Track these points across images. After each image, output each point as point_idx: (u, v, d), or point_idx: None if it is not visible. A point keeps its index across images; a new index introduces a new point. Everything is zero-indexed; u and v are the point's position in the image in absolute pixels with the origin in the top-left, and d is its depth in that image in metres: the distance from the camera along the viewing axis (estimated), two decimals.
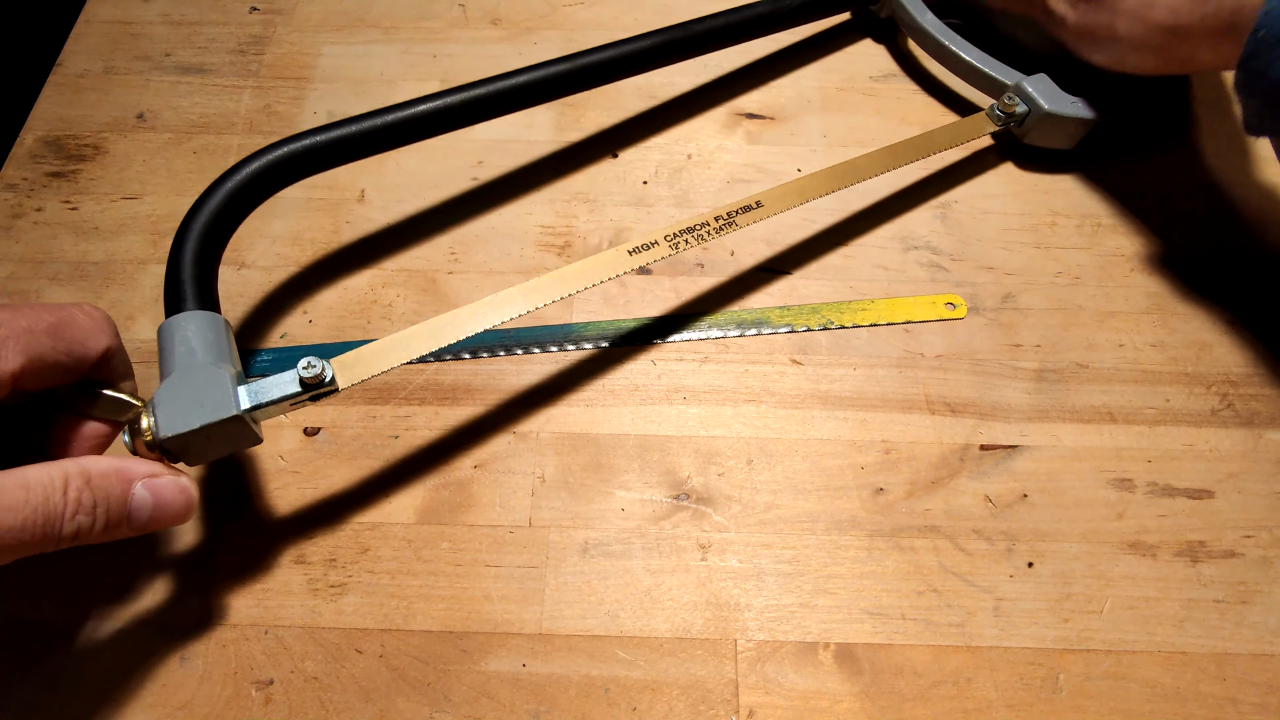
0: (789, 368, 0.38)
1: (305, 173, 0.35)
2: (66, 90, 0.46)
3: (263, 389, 0.28)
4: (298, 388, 0.28)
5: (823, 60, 0.48)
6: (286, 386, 0.28)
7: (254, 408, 0.28)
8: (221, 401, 0.27)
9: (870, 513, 0.35)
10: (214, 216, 0.32)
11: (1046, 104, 0.41)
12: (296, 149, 0.34)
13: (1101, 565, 0.34)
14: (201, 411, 0.27)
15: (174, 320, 0.29)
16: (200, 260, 0.31)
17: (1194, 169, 0.44)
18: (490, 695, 0.31)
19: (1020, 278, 0.41)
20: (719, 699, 0.31)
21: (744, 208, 0.37)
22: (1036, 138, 0.43)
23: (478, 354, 0.38)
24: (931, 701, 0.31)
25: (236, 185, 0.33)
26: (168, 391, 0.27)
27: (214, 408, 0.27)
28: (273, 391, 0.28)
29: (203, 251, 0.31)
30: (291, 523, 0.34)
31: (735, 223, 0.36)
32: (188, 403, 0.27)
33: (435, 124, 0.37)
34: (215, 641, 0.32)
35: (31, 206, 0.42)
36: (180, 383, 0.27)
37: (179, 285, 0.30)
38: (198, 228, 0.32)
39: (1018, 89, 0.42)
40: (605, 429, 0.37)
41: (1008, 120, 0.42)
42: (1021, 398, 0.38)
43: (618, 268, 0.34)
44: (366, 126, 0.36)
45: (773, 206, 0.37)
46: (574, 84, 0.40)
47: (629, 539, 0.34)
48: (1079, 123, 0.41)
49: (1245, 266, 0.41)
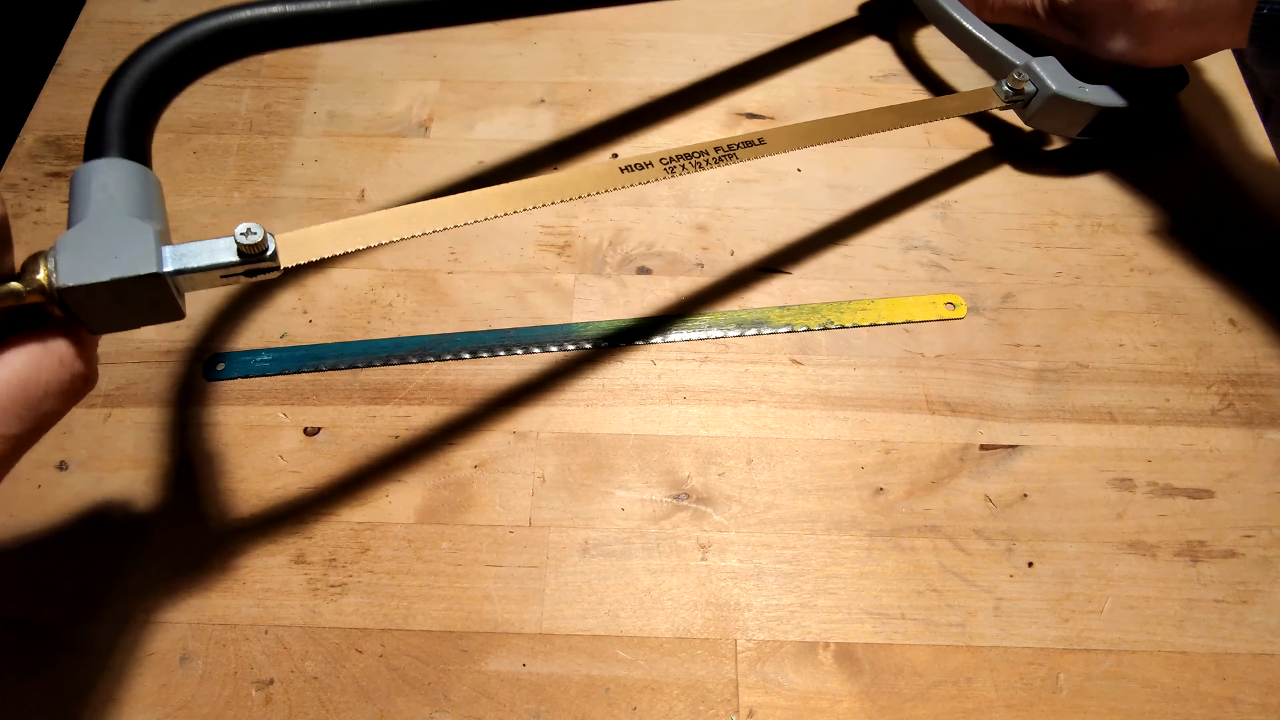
0: (789, 368, 0.38)
1: (262, 45, 0.31)
2: (66, 90, 0.46)
3: (191, 251, 0.25)
4: (233, 256, 0.25)
5: (823, 60, 0.48)
6: (220, 253, 0.25)
7: (178, 271, 0.24)
8: (141, 256, 0.23)
9: (870, 513, 0.35)
10: (157, 65, 0.28)
11: (1055, 85, 0.41)
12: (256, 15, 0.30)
13: (1101, 565, 0.34)
14: (115, 264, 0.23)
15: (92, 165, 0.25)
16: (133, 106, 0.27)
17: (1194, 169, 0.44)
18: (490, 695, 0.31)
19: (1020, 278, 0.41)
20: (719, 699, 0.31)
21: (746, 142, 0.35)
22: (1041, 121, 0.42)
23: (478, 354, 0.38)
24: (931, 701, 0.31)
25: (187, 38, 0.29)
26: (76, 237, 0.23)
27: (131, 262, 0.23)
28: (203, 256, 0.25)
29: (138, 99, 0.28)
30: (291, 523, 0.34)
31: (736, 155, 0.34)
32: (99, 253, 0.23)
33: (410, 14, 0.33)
34: (215, 641, 0.32)
35: (31, 206, 0.42)
36: (93, 230, 0.24)
37: (103, 129, 0.26)
38: (136, 73, 0.28)
39: (1027, 68, 0.41)
40: (605, 429, 0.37)
41: (1015, 97, 0.41)
42: (1021, 398, 0.38)
43: (607, 183, 0.31)
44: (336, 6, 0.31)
45: (775, 145, 0.35)
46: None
47: (629, 539, 0.34)
48: (1085, 108, 0.41)
49: (1245, 266, 0.41)
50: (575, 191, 0.31)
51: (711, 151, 0.34)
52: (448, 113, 0.46)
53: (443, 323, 0.39)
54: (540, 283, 0.40)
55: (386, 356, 0.38)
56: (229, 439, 0.36)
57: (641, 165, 0.32)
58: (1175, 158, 0.44)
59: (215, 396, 0.37)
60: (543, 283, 0.40)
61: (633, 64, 0.48)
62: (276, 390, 0.37)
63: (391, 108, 0.46)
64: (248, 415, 0.37)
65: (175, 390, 0.37)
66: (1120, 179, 0.44)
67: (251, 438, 0.36)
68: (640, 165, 0.32)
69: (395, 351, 0.38)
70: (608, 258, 0.41)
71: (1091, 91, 0.41)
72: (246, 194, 0.43)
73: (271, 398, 0.37)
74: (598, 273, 0.41)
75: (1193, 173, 0.44)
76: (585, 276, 0.41)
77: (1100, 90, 0.41)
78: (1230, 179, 0.44)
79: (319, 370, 0.38)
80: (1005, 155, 0.45)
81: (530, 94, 0.47)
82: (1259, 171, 0.44)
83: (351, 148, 0.44)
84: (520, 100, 0.46)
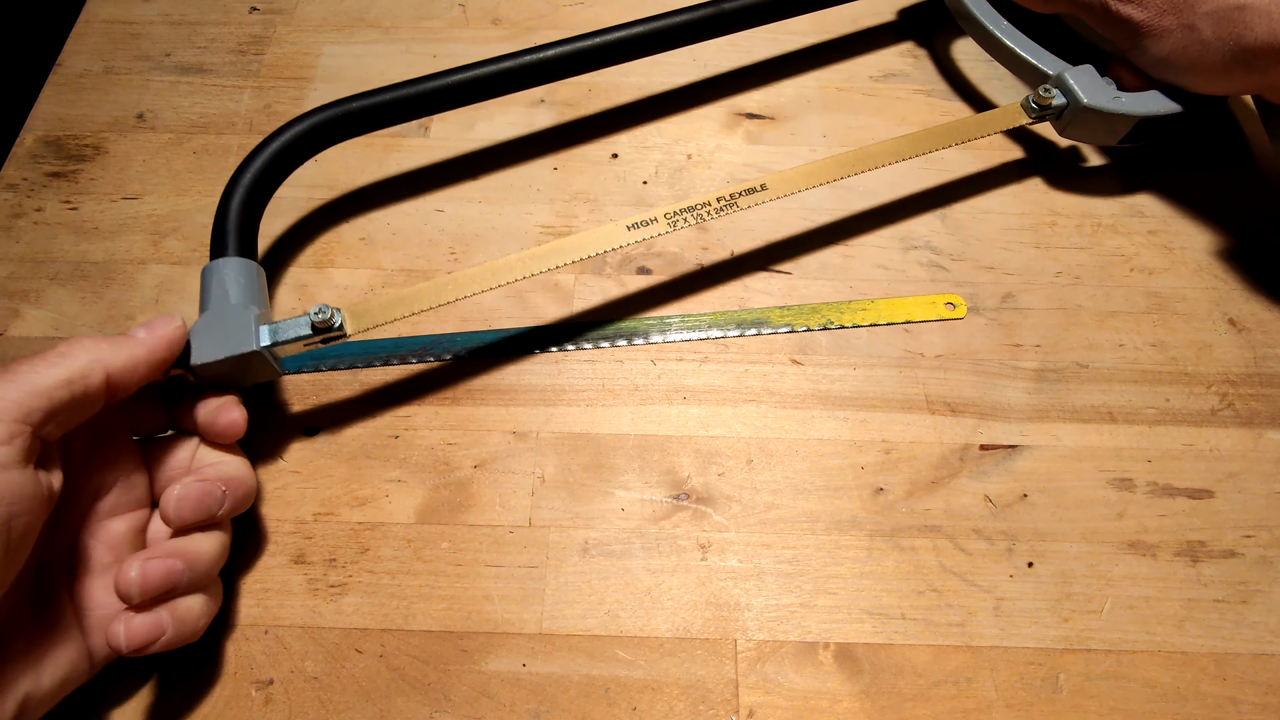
0: (789, 368, 0.38)
1: (346, 134, 0.39)
2: (66, 90, 0.46)
3: (280, 329, 0.32)
4: (308, 330, 0.32)
5: (823, 59, 0.48)
6: (300, 329, 0.32)
7: (272, 345, 0.32)
8: (245, 338, 0.31)
9: (870, 513, 0.35)
10: (260, 172, 0.36)
11: (1086, 97, 0.39)
12: (339, 112, 0.38)
13: (1101, 565, 0.34)
14: (227, 345, 0.31)
15: (214, 264, 0.33)
16: (244, 211, 0.35)
17: (1193, 168, 0.44)
18: (490, 695, 0.31)
19: (1020, 278, 0.41)
20: (719, 699, 0.31)
21: (748, 189, 0.36)
22: (1075, 133, 0.41)
23: (478, 354, 0.38)
24: (931, 701, 0.31)
25: (282, 145, 0.37)
26: (202, 326, 0.32)
27: (238, 342, 0.31)
28: (289, 332, 0.32)
29: (247, 203, 0.35)
30: (291, 523, 0.34)
31: (736, 204, 0.36)
32: (217, 336, 0.31)
33: (477, 90, 0.40)
34: (215, 641, 0.32)
35: (31, 206, 0.42)
36: (213, 319, 0.32)
37: (223, 233, 0.34)
38: (245, 181, 0.35)
39: (1059, 80, 0.40)
40: (605, 429, 0.37)
41: (1042, 113, 0.40)
42: (1021, 398, 0.38)
43: (615, 240, 0.35)
44: (408, 93, 0.38)
45: (777, 189, 0.36)
46: (623, 52, 0.41)
47: (629, 539, 0.34)
48: (1122, 118, 0.40)
49: (1245, 266, 0.41)
50: (587, 250, 0.35)
51: (714, 202, 0.36)
52: (448, 113, 0.46)
53: (443, 323, 0.39)
54: (540, 283, 0.40)
55: (386, 356, 0.38)
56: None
57: (647, 222, 0.36)
58: (1175, 157, 0.44)
59: None
60: (543, 283, 0.40)
61: (633, 64, 0.48)
62: (276, 390, 0.37)
63: None
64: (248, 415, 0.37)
65: None
66: (1120, 179, 0.44)
67: (252, 437, 0.36)
68: (646, 222, 0.36)
69: (395, 351, 0.38)
70: (608, 258, 0.41)
71: (1129, 100, 0.40)
72: None
73: (271, 398, 0.37)
74: (598, 273, 0.41)
75: (1193, 173, 0.44)
76: (585, 276, 0.41)
77: (1141, 97, 0.40)
78: (1230, 179, 0.44)
79: (319, 370, 0.38)
80: (1005, 155, 0.45)
81: (530, 94, 0.46)
82: (1259, 171, 0.44)
83: (351, 148, 0.44)
84: (520, 100, 0.46)
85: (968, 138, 0.39)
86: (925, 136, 0.39)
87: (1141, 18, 0.38)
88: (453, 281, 0.34)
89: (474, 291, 0.34)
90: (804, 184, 0.36)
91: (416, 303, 0.33)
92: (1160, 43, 0.38)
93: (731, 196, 0.36)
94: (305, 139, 0.37)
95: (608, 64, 0.41)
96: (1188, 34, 0.37)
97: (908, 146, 0.38)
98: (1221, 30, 0.36)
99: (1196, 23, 0.37)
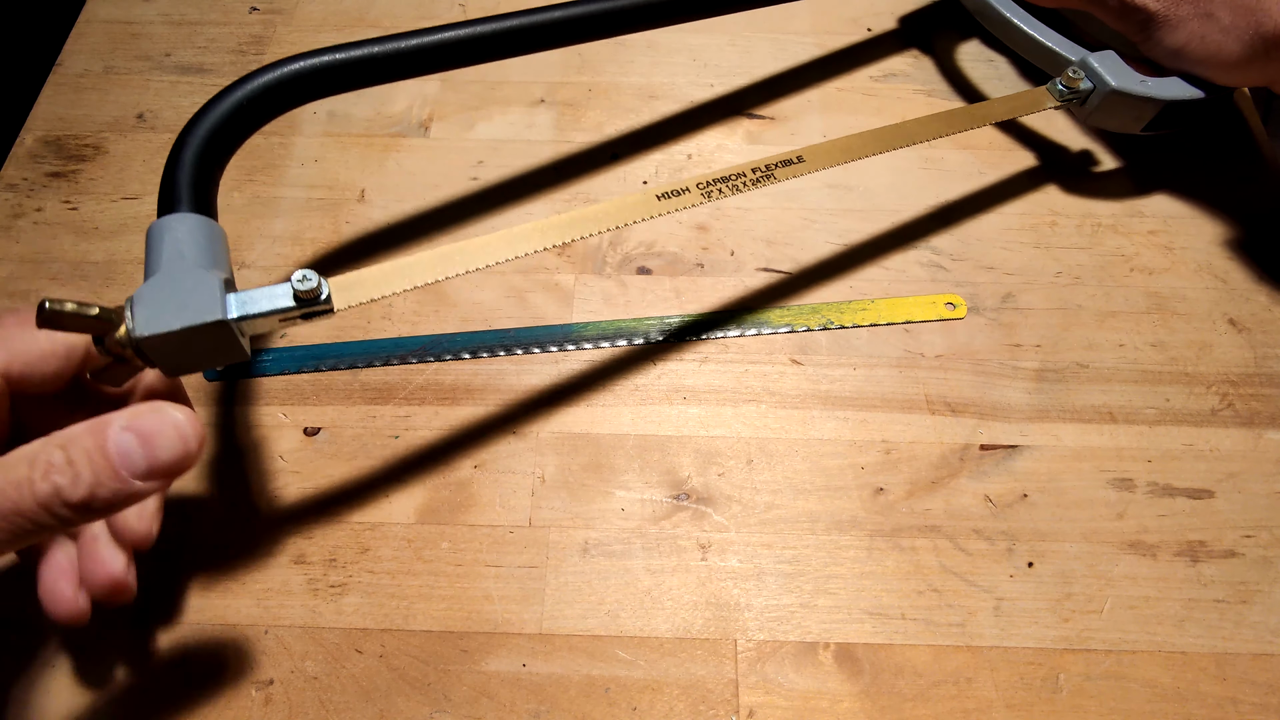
0: (789, 368, 0.38)
1: (317, 93, 0.33)
2: (66, 90, 0.46)
3: (253, 298, 0.26)
4: (290, 301, 0.26)
5: (822, 59, 0.48)
6: (279, 299, 0.26)
7: (242, 317, 0.26)
8: (207, 305, 0.25)
9: (870, 513, 0.35)
10: (220, 122, 0.30)
11: (1114, 81, 0.38)
12: (312, 64, 0.33)
13: (1101, 565, 0.34)
14: (184, 313, 0.25)
15: (164, 221, 0.27)
16: (200, 163, 0.29)
17: (1193, 168, 0.44)
18: (490, 695, 0.31)
19: (1020, 278, 0.41)
20: (719, 699, 0.31)
21: (784, 161, 0.34)
22: (1100, 119, 0.41)
23: (478, 354, 0.38)
24: (931, 701, 0.31)
25: (246, 94, 0.31)
26: (149, 291, 0.25)
27: (198, 310, 0.25)
28: (263, 303, 0.26)
29: (204, 155, 0.30)
30: (291, 523, 0.34)
31: (774, 175, 0.33)
32: (170, 304, 0.25)
33: (458, 53, 0.36)
34: (215, 641, 0.32)
35: (31, 206, 0.42)
36: (164, 283, 0.25)
37: (174, 185, 0.28)
38: (201, 131, 0.30)
39: (1083, 64, 0.39)
40: (605, 429, 0.37)
41: (1071, 96, 0.39)
42: (1021, 398, 0.38)
43: (644, 211, 0.32)
44: (385, 49, 0.34)
45: (815, 163, 0.34)
46: (610, 24, 0.38)
47: (629, 539, 0.34)
48: (1148, 103, 0.39)
49: (1245, 266, 0.41)
50: (614, 222, 0.31)
51: (749, 172, 0.33)
52: (448, 113, 0.46)
53: (443, 323, 0.39)
54: (540, 283, 0.40)
55: (386, 356, 0.38)
56: (229, 439, 0.36)
57: (679, 191, 0.32)
58: (1174, 157, 0.44)
59: (215, 397, 0.37)
60: (543, 283, 0.40)
61: (633, 64, 0.48)
62: (276, 390, 0.37)
63: (391, 107, 0.46)
64: (247, 415, 0.37)
65: None
66: (1120, 179, 0.44)
67: (251, 438, 0.36)
68: (677, 191, 0.32)
69: (395, 351, 0.38)
70: (608, 257, 0.41)
71: (1156, 85, 0.39)
72: (246, 194, 0.43)
73: (271, 398, 0.37)
74: (598, 272, 0.41)
75: (1193, 172, 0.44)
76: (585, 276, 0.41)
77: (1166, 82, 0.39)
78: (1230, 178, 0.44)
79: (319, 370, 0.38)
80: (1007, 155, 0.45)
81: (530, 94, 0.47)
82: (1259, 170, 0.44)
83: (351, 147, 0.44)
84: (520, 100, 0.46)
85: (996, 119, 0.39)
86: (960, 115, 0.38)
87: (1156, 7, 0.38)
88: (455, 253, 0.29)
89: (485, 263, 0.30)
90: (842, 158, 0.35)
91: (411, 275, 0.29)
92: (1175, 32, 0.38)
93: (769, 167, 0.33)
94: (274, 91, 0.32)
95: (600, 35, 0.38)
96: (1204, 22, 0.37)
97: (944, 124, 0.37)
98: (1240, 18, 0.36)
99: (1214, 10, 0.37)
